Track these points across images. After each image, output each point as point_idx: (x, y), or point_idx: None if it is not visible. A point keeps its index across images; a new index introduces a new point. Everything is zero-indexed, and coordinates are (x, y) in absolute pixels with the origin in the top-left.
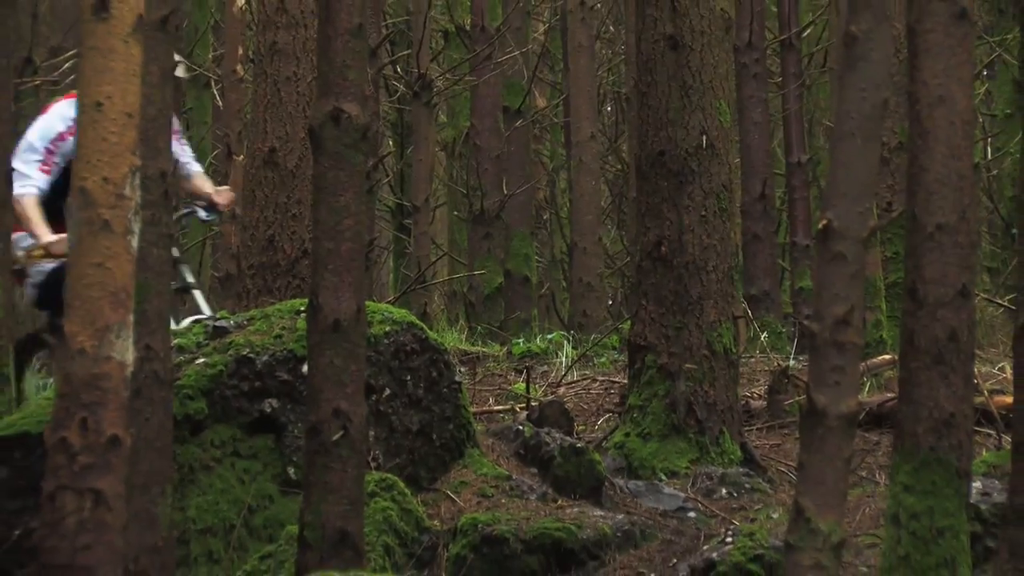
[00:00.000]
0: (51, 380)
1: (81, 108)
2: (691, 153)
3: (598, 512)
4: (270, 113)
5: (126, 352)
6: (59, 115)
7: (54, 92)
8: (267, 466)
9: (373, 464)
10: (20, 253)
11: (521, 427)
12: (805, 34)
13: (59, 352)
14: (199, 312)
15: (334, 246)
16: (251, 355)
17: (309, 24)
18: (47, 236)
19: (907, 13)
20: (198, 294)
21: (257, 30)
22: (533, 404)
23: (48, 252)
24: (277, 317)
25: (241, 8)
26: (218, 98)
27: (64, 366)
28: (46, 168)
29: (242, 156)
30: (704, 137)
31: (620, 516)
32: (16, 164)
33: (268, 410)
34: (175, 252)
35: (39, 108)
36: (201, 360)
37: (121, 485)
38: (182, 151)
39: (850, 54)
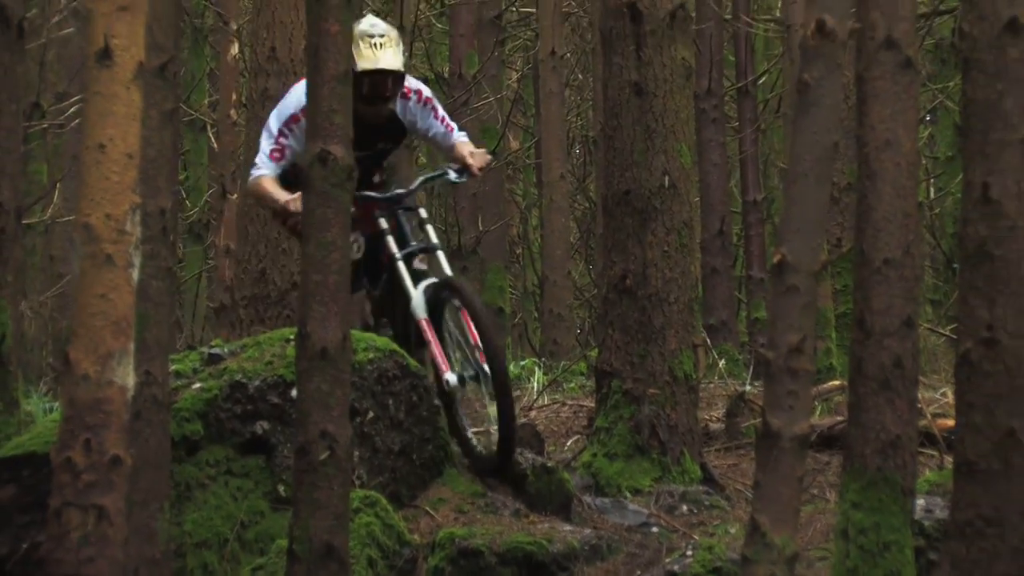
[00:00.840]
0: (57, 403)
1: (84, 149)
2: (654, 192)
3: (567, 527)
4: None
5: (127, 377)
6: (297, 94)
7: (60, 135)
8: (258, 484)
9: (357, 482)
10: None
11: None
12: (760, 82)
13: (64, 377)
14: (441, 273)
15: (322, 278)
16: (244, 380)
17: (298, 71)
18: (284, 195)
19: (856, 62)
20: (441, 256)
21: (249, 77)
22: None
23: (287, 211)
24: (268, 345)
25: (235, 56)
26: (213, 140)
27: (69, 390)
28: (278, 154)
29: (236, 195)
30: (666, 177)
31: (588, 531)
32: (260, 153)
33: (260, 432)
34: (423, 213)
35: (45, 149)
36: (197, 385)
37: (122, 501)
38: (439, 124)
39: (802, 100)
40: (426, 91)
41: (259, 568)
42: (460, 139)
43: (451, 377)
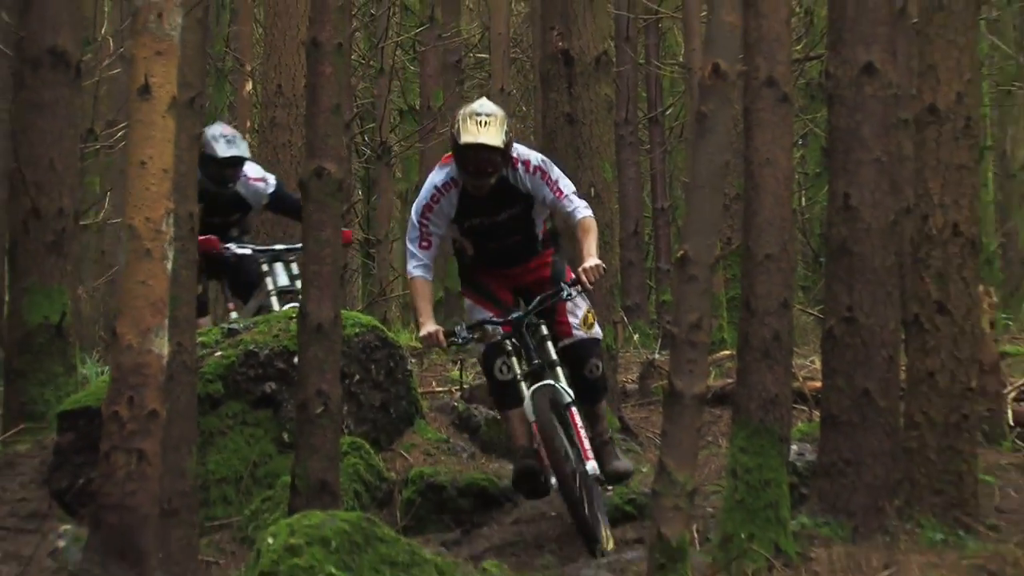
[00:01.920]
0: (106, 368)
1: (129, 165)
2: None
3: (512, 467)
4: (270, 170)
5: (162, 347)
6: (429, 184)
7: (109, 154)
8: (267, 432)
9: (346, 431)
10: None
11: (456, 404)
12: (667, 112)
13: (112, 347)
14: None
15: (318, 268)
16: (256, 350)
17: (300, 104)
18: (425, 327)
19: (743, 97)
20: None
21: (261, 108)
22: (465, 387)
23: (423, 341)
24: (275, 322)
25: (249, 92)
26: None
27: (116, 357)
28: (425, 244)
29: None
30: (592, 189)
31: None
32: (408, 244)
33: (268, 391)
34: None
35: (98, 166)
36: (218, 353)
37: (158, 446)
38: (550, 191)
39: (700, 128)
40: (535, 160)
41: (267, 499)
42: (573, 208)
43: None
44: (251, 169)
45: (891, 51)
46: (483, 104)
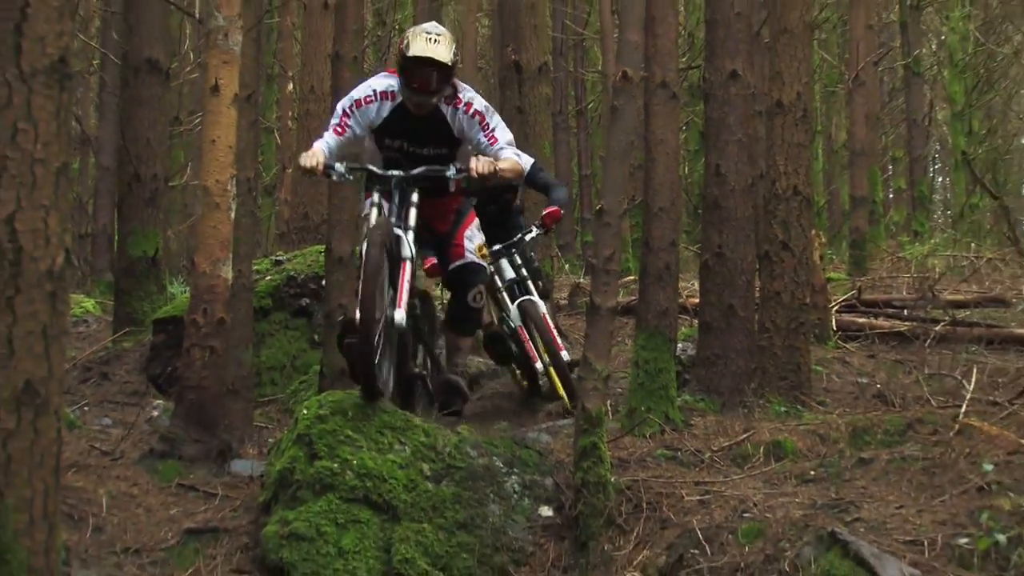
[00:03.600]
0: (187, 288)
1: (203, 143)
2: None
3: (478, 359)
4: (304, 146)
5: (228, 273)
6: (366, 84)
7: (190, 134)
8: (303, 334)
9: None
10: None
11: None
12: (589, 106)
13: (191, 273)
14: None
15: (340, 217)
16: (295, 274)
17: (327, 99)
18: (311, 153)
19: (644, 94)
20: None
21: (299, 102)
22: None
23: (296, 167)
24: (309, 255)
25: (290, 91)
26: (278, 138)
27: (194, 280)
28: (340, 130)
29: (291, 169)
30: (535, 161)
31: (490, 360)
32: (324, 128)
33: (304, 304)
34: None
35: (182, 143)
36: (268, 277)
37: (225, 344)
38: (485, 138)
39: (613, 117)
40: (478, 104)
41: (303, 382)
42: (502, 154)
43: (399, 313)
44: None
45: (750, 62)
46: (434, 24)
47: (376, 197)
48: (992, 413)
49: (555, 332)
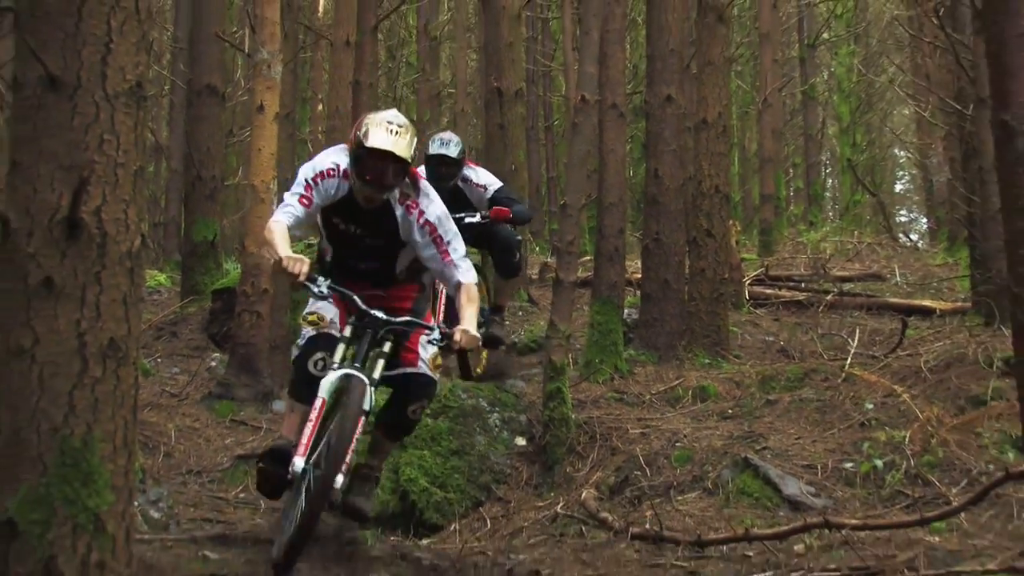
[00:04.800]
0: (239, 265)
1: (252, 151)
2: (508, 174)
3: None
4: (332, 143)
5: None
6: (328, 155)
7: (241, 144)
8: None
9: None
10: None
11: None
12: (555, 122)
13: (242, 254)
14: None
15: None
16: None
17: (348, 118)
18: (281, 252)
19: (598, 113)
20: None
21: (326, 119)
22: None
23: (278, 268)
24: None
25: (320, 110)
26: (310, 148)
27: (243, 260)
28: (305, 202)
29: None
30: (513, 166)
31: None
32: (286, 195)
33: None
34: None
35: (235, 151)
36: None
37: (268, 309)
38: (437, 252)
39: (574, 131)
40: (431, 214)
41: None
42: (457, 274)
43: (299, 463)
44: (475, 175)
45: (681, 88)
46: (395, 114)
47: (348, 331)
48: (871, 364)
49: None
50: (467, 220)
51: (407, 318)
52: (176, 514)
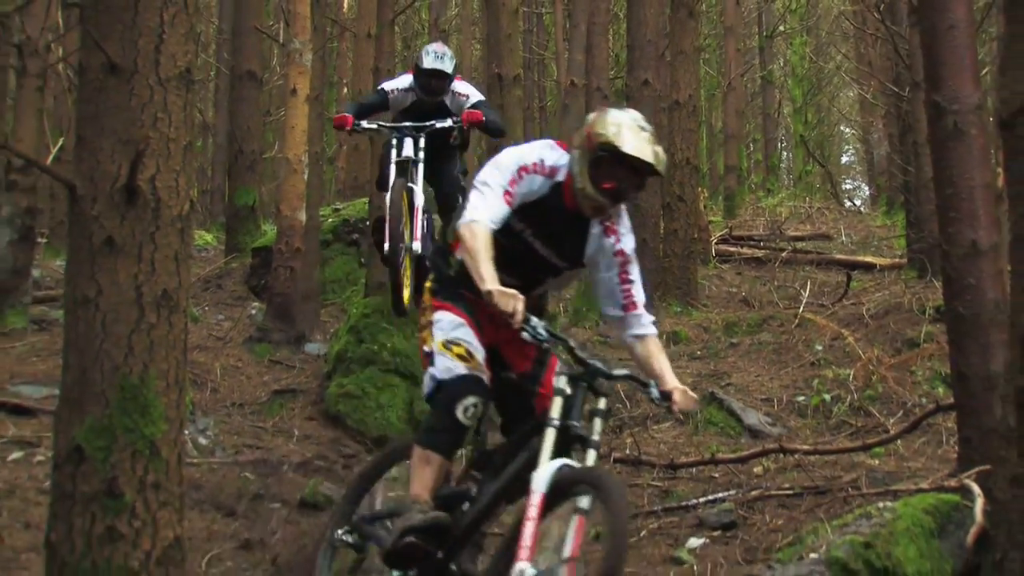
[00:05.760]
0: (275, 226)
1: (286, 128)
2: None
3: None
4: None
5: (302, 216)
6: (535, 148)
7: (277, 121)
8: (352, 258)
9: None
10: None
11: None
12: (548, 103)
13: (277, 216)
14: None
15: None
16: (348, 218)
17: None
18: (490, 284)
19: (585, 95)
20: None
21: (351, 99)
22: None
23: (489, 299)
24: (359, 204)
25: (345, 94)
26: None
27: (279, 221)
28: (508, 198)
29: (344, 145)
30: (513, 142)
31: None
32: (482, 184)
33: (354, 238)
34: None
35: (271, 128)
36: (330, 220)
37: (300, 264)
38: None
39: (564, 111)
40: (628, 247)
41: (353, 290)
42: (645, 330)
43: (528, 570)
44: (459, 86)
45: (657, 74)
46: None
47: (562, 382)
48: (821, 311)
49: (418, 224)
50: (438, 125)
51: (627, 371)
52: (221, 441)
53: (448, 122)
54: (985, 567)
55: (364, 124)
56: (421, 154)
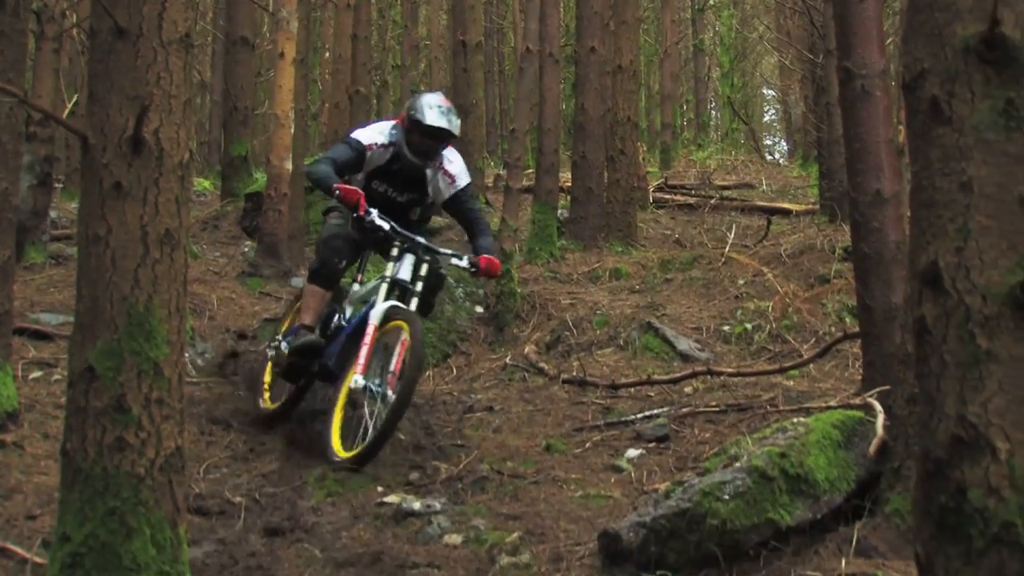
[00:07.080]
0: (264, 175)
1: (274, 87)
2: (470, 108)
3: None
4: (337, 83)
5: (288, 166)
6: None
7: (267, 81)
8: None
9: None
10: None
11: None
12: (507, 68)
13: (267, 166)
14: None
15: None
16: None
17: (348, 63)
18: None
19: (539, 60)
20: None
21: (332, 64)
22: None
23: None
24: None
25: (327, 57)
26: (319, 86)
27: (269, 170)
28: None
29: (327, 103)
30: (474, 101)
31: None
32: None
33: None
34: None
35: (262, 88)
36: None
37: (287, 208)
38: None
39: (521, 74)
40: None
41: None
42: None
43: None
44: (449, 156)
45: (603, 41)
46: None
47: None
48: (744, 251)
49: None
50: (453, 261)
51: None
52: (217, 363)
53: (464, 261)
54: (885, 474)
55: (376, 219)
56: (419, 285)
